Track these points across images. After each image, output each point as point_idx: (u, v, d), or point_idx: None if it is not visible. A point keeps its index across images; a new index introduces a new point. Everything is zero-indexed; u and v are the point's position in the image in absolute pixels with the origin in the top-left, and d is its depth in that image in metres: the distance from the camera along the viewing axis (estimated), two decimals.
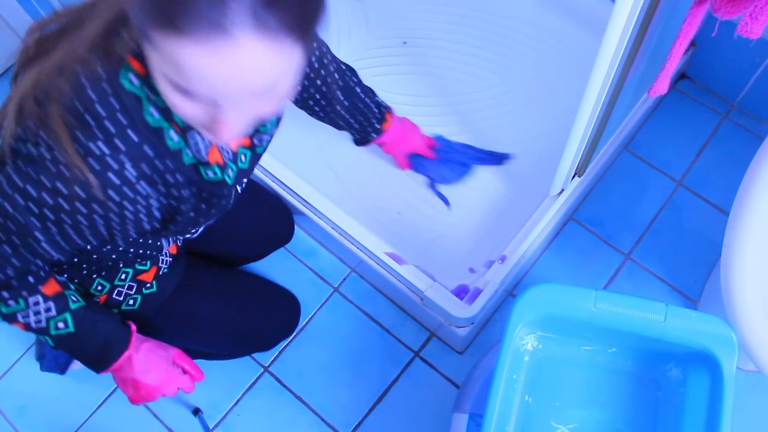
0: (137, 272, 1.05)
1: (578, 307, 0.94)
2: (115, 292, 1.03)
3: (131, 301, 1.05)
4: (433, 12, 1.65)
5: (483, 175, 1.44)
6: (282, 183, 1.36)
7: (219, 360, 1.35)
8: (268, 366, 1.37)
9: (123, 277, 1.03)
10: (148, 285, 1.06)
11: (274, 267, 1.44)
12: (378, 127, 1.28)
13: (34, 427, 1.35)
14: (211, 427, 1.33)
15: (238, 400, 1.35)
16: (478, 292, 1.25)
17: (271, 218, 1.33)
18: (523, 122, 1.50)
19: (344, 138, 1.49)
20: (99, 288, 1.02)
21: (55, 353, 1.30)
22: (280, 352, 1.38)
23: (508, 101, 1.52)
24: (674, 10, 0.97)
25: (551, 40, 1.58)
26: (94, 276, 1.01)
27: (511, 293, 1.41)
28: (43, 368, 1.31)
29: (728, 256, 0.97)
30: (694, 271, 1.39)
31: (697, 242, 1.42)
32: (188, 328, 1.15)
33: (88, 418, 1.35)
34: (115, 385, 1.37)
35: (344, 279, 1.44)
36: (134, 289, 1.05)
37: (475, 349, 1.36)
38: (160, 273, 1.08)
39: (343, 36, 1.63)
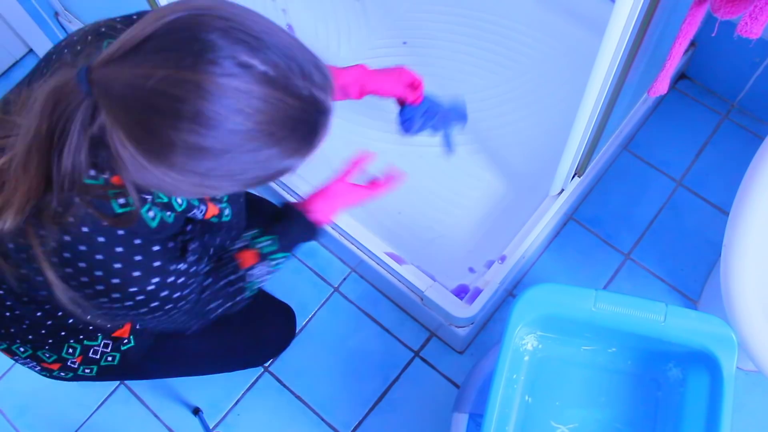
0: (111, 329, 0.98)
1: (578, 307, 0.94)
2: (90, 351, 0.98)
3: (110, 358, 0.99)
4: (433, 12, 1.65)
5: (483, 175, 1.44)
6: (282, 183, 1.36)
7: None
8: (269, 366, 1.37)
9: (94, 336, 0.97)
10: (126, 341, 1.00)
11: None
12: None
13: (34, 427, 1.35)
14: (211, 427, 1.33)
15: (238, 400, 1.35)
16: (478, 292, 1.25)
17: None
18: (523, 122, 1.50)
19: (344, 137, 1.49)
20: (70, 351, 0.96)
21: None
22: None
23: (508, 101, 1.52)
24: (674, 10, 0.97)
25: (551, 40, 1.59)
26: (63, 341, 0.95)
27: (511, 293, 1.42)
28: None
29: (728, 256, 0.97)
30: (694, 270, 1.40)
31: (697, 242, 1.42)
32: (176, 365, 1.11)
33: (88, 418, 1.35)
34: (116, 385, 1.38)
35: (344, 279, 1.44)
36: (110, 347, 0.99)
37: (475, 349, 1.36)
38: (137, 326, 1.01)
39: (343, 36, 1.63)
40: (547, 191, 1.33)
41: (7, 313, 0.88)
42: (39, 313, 0.88)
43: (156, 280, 0.74)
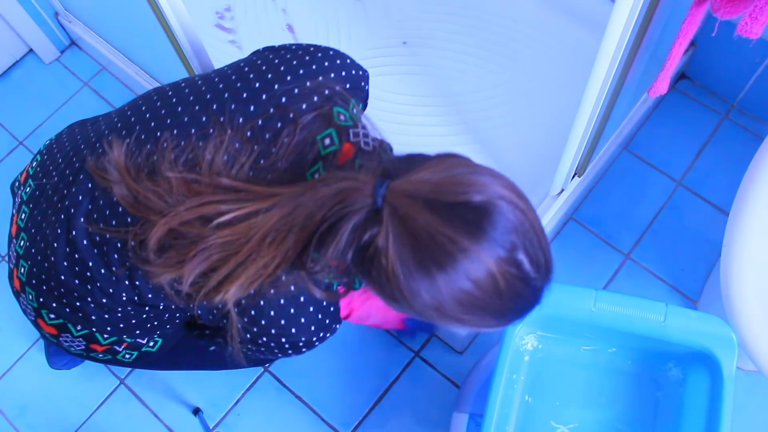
0: None
1: (578, 307, 0.94)
2: None
3: (152, 343, 0.96)
4: (433, 12, 1.65)
5: None
6: None
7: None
8: (269, 366, 1.37)
9: None
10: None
11: None
12: None
13: (34, 427, 1.35)
14: (211, 427, 1.33)
15: (238, 400, 1.35)
16: None
17: None
18: (523, 122, 1.50)
19: None
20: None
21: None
22: None
23: (508, 101, 1.52)
24: (674, 10, 0.97)
25: (551, 40, 1.58)
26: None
27: None
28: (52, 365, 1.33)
29: (728, 256, 0.97)
30: (694, 270, 1.40)
31: (697, 242, 1.42)
32: (195, 356, 1.09)
33: (88, 418, 1.35)
34: (116, 385, 1.37)
35: None
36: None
37: (475, 348, 1.36)
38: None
39: (343, 36, 1.63)
40: (547, 191, 1.33)
41: (104, 299, 0.84)
42: (140, 312, 0.87)
43: (322, 334, 0.86)
